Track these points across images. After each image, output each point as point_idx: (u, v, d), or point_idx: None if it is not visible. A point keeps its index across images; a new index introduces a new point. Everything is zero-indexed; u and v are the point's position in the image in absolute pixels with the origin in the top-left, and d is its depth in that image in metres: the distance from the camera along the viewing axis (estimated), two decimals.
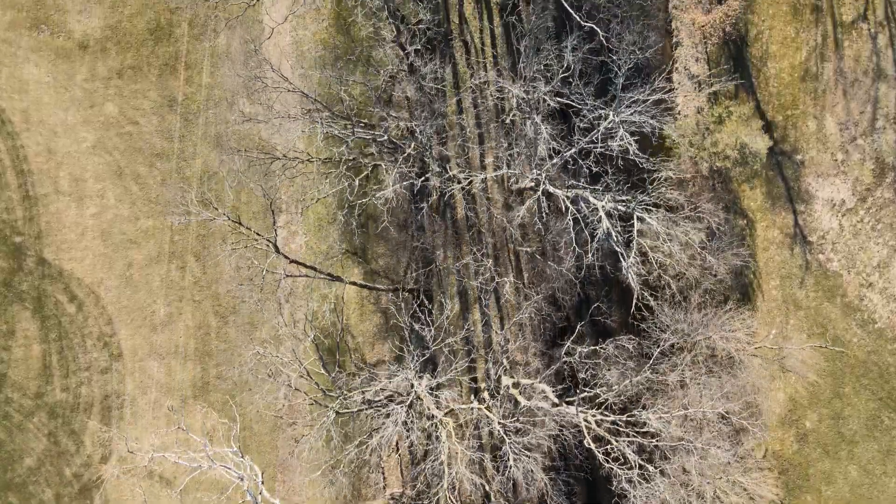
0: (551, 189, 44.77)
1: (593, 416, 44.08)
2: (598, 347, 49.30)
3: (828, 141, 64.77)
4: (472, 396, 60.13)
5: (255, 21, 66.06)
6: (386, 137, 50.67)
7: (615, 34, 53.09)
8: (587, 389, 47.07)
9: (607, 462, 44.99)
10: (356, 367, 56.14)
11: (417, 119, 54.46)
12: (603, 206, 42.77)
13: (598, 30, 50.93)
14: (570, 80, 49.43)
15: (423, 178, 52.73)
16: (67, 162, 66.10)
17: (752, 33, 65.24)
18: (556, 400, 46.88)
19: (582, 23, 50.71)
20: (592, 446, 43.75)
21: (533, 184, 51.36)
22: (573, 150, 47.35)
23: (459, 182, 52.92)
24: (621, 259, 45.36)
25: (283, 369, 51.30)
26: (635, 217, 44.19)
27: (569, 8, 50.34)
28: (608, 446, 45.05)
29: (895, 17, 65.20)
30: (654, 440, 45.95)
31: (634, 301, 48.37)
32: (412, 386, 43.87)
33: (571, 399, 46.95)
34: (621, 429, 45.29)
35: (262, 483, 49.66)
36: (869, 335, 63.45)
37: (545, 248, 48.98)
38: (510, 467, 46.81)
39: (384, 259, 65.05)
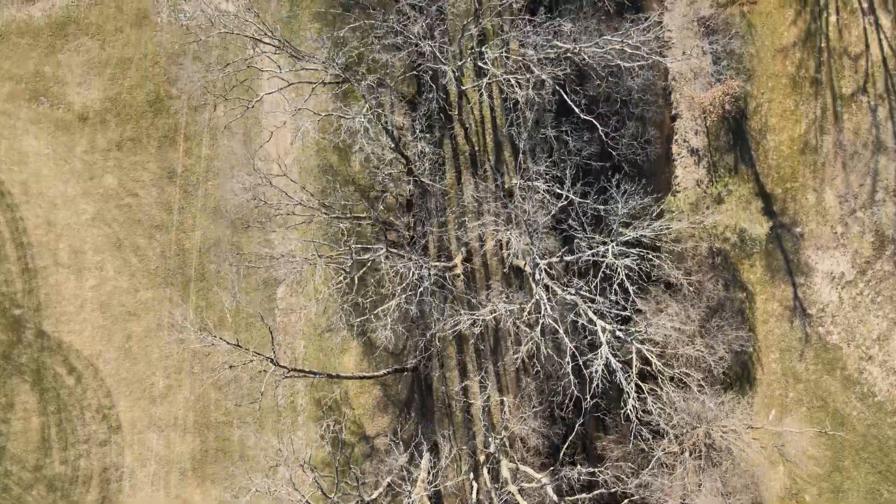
0: (550, 319, 44.73)
1: None
2: (596, 470, 49.37)
3: (827, 214, 64.70)
4: (471, 474, 60.09)
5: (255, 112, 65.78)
6: (383, 272, 51.24)
7: (613, 127, 53.16)
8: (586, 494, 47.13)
9: None
10: (357, 480, 55.95)
11: (417, 243, 55.17)
12: (603, 328, 42.69)
13: (598, 125, 50.99)
14: (571, 209, 49.53)
15: (420, 290, 52.80)
16: (67, 234, 66.04)
17: (751, 106, 65.19)
18: (556, 498, 46.88)
19: (582, 117, 50.77)
20: None
21: (529, 269, 51.41)
22: (573, 257, 47.37)
23: (459, 281, 53.12)
24: (621, 383, 45.13)
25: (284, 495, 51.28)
26: (634, 356, 44.06)
27: (570, 103, 50.44)
28: None
29: (895, 89, 65.17)
30: None
31: (633, 430, 48.30)
32: None
33: (573, 499, 46.97)
34: None
35: None
36: (869, 409, 63.38)
37: (542, 361, 49.10)
38: None
39: (384, 331, 64.90)
